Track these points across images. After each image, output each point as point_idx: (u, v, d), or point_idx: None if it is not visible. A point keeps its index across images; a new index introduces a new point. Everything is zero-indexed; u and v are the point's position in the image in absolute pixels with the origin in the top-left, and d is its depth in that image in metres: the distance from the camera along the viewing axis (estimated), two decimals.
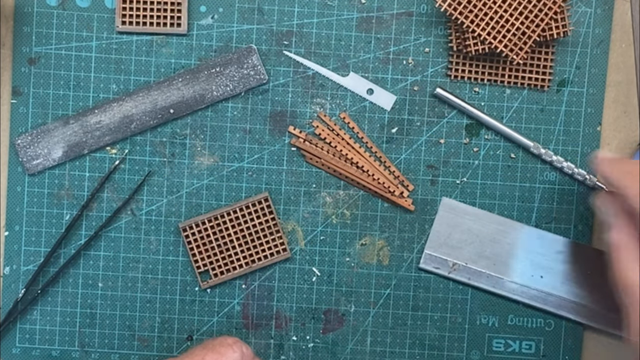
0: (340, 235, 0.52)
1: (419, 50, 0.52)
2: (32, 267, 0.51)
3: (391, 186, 0.51)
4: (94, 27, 0.51)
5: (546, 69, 0.52)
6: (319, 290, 0.52)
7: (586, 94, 0.52)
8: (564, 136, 0.52)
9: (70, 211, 0.52)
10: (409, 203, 0.52)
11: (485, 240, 0.52)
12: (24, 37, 0.51)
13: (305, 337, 0.52)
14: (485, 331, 0.53)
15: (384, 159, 0.52)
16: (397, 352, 0.52)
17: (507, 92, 0.52)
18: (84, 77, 0.51)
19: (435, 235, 0.52)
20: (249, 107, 0.52)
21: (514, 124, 0.52)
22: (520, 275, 0.52)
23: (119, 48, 0.51)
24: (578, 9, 0.52)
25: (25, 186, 0.51)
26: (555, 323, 0.53)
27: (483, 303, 0.53)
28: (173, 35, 0.51)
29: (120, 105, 0.51)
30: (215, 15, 0.51)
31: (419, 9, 0.52)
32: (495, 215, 0.52)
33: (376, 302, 0.52)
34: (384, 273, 0.52)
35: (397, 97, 0.52)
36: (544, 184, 0.52)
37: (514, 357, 0.53)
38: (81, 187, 0.52)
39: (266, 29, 0.52)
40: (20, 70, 0.51)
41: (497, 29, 0.49)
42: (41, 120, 0.51)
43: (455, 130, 0.52)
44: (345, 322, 0.53)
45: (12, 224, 0.51)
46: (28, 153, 0.51)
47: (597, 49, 0.52)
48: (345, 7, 0.52)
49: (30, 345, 0.52)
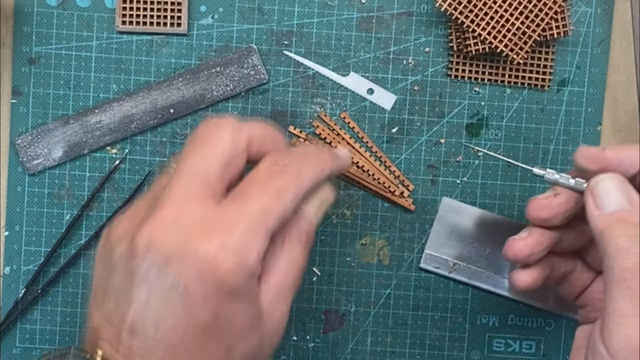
0: (341, 235, 0.52)
1: (419, 50, 0.52)
2: (32, 267, 0.51)
3: (392, 186, 0.51)
4: (94, 27, 0.51)
5: (546, 68, 0.52)
6: (319, 290, 0.52)
7: (586, 93, 0.52)
8: (564, 136, 0.52)
9: (70, 211, 0.52)
10: (409, 203, 0.52)
11: (486, 240, 0.52)
12: (24, 37, 0.51)
13: (306, 337, 0.52)
14: (486, 331, 0.53)
15: (384, 159, 0.52)
16: (398, 352, 0.53)
17: (507, 92, 0.52)
18: (84, 77, 0.51)
19: (435, 235, 0.52)
20: (249, 107, 0.52)
21: (514, 124, 0.52)
22: None
23: (119, 48, 0.51)
24: (578, 9, 0.52)
25: (26, 186, 0.51)
26: (555, 323, 0.53)
27: (483, 303, 0.53)
28: (173, 35, 0.51)
29: (121, 105, 0.51)
30: (215, 15, 0.51)
31: (419, 9, 0.52)
32: (496, 215, 0.52)
33: (376, 302, 0.53)
34: (384, 273, 0.52)
35: (397, 97, 0.52)
36: (544, 183, 0.52)
37: (514, 357, 0.53)
38: (81, 187, 0.52)
39: (266, 29, 0.52)
40: (20, 70, 0.51)
41: (497, 28, 0.49)
42: (41, 120, 0.51)
43: (456, 130, 0.52)
44: (345, 322, 0.53)
45: (12, 224, 0.51)
46: (28, 153, 0.51)
47: (597, 49, 0.52)
48: (345, 7, 0.52)
49: (31, 345, 0.52)
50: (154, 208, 0.36)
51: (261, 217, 0.36)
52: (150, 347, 0.35)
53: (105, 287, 0.36)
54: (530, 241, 0.43)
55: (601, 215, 0.39)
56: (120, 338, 0.35)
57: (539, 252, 0.43)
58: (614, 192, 0.39)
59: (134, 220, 0.37)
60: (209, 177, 0.37)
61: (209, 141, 0.38)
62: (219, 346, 0.35)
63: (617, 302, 0.36)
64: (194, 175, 0.37)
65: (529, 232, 0.43)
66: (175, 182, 0.36)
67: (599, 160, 0.41)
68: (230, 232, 0.35)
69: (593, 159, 0.41)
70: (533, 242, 0.43)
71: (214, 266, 0.34)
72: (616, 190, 0.39)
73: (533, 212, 0.43)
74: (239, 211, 0.36)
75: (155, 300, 0.35)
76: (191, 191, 0.36)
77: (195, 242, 0.34)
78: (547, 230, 0.43)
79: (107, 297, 0.36)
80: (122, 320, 0.35)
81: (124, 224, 0.37)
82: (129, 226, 0.36)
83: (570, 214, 0.42)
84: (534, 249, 0.43)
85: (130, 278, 0.35)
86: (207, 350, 0.35)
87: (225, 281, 0.34)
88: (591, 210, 0.39)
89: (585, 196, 0.40)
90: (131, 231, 0.36)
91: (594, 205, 0.39)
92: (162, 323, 0.34)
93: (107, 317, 0.36)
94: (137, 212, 0.37)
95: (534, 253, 0.43)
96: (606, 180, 0.39)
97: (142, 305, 0.35)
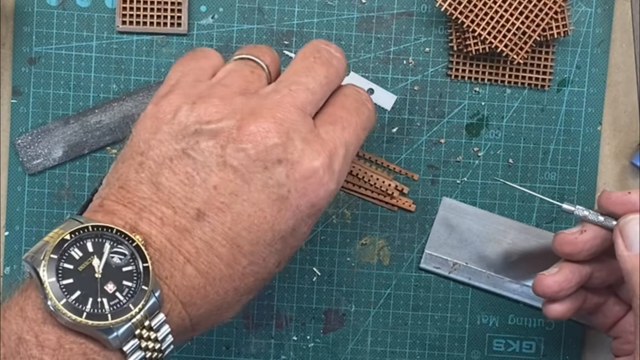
0: (341, 235, 0.52)
1: (419, 50, 0.52)
2: None
3: (389, 189, 0.51)
4: (94, 27, 0.51)
5: (546, 68, 0.52)
6: (319, 290, 0.52)
7: (586, 93, 0.52)
8: (564, 136, 0.52)
9: (70, 211, 0.52)
10: (409, 204, 0.52)
11: (486, 240, 0.52)
12: (24, 37, 0.51)
13: (306, 337, 0.52)
14: (486, 331, 0.53)
15: (380, 161, 0.52)
16: (398, 352, 0.53)
17: (507, 92, 0.52)
18: (84, 77, 0.51)
19: (435, 235, 0.52)
20: None
21: (514, 124, 0.52)
22: (520, 275, 0.52)
23: (119, 48, 0.51)
24: (578, 9, 0.52)
25: (26, 186, 0.51)
26: (555, 323, 0.53)
27: (483, 303, 0.53)
28: (173, 35, 0.51)
29: (121, 105, 0.51)
30: (215, 15, 0.51)
31: (419, 9, 0.52)
32: (496, 215, 0.52)
33: (376, 302, 0.53)
34: (384, 273, 0.52)
35: (397, 97, 0.52)
36: (544, 183, 0.52)
37: (514, 357, 0.53)
38: (81, 187, 0.52)
39: (266, 29, 0.52)
40: (20, 70, 0.51)
41: (497, 28, 0.49)
42: (41, 120, 0.51)
43: (456, 130, 0.52)
44: (345, 322, 0.53)
45: (12, 224, 0.51)
46: (28, 153, 0.51)
47: (597, 49, 0.52)
48: (345, 7, 0.52)
49: None
50: (267, 105, 0.35)
51: (353, 147, 0.37)
52: (216, 239, 0.34)
53: (171, 159, 0.34)
54: (559, 278, 0.42)
55: (629, 256, 0.39)
56: (179, 221, 0.33)
57: (568, 288, 0.42)
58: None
59: (224, 108, 0.35)
60: (314, 96, 0.37)
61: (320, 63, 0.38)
62: (276, 258, 0.36)
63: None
64: (309, 93, 0.37)
65: (558, 269, 0.43)
66: (294, 93, 0.37)
67: (625, 204, 0.41)
68: (337, 157, 0.36)
69: (619, 203, 0.41)
70: (562, 278, 0.42)
71: (319, 184, 0.35)
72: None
73: (557, 247, 0.43)
74: (341, 138, 0.37)
75: (248, 194, 0.34)
76: (305, 107, 0.36)
77: (310, 155, 0.35)
78: (577, 266, 0.43)
79: (167, 169, 0.34)
80: (190, 200, 0.33)
81: (215, 106, 0.35)
82: (223, 111, 0.35)
83: (596, 250, 0.42)
84: (563, 286, 0.42)
85: (220, 164, 0.34)
86: (267, 259, 0.35)
87: (319, 202, 0.35)
88: (620, 250, 0.39)
89: (615, 235, 0.40)
90: (233, 116, 0.35)
91: (623, 246, 0.39)
92: (244, 219, 0.34)
93: (163, 191, 0.34)
94: (233, 103, 0.36)
95: (563, 289, 0.42)
96: (635, 220, 0.39)
97: (228, 194, 0.34)
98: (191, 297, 0.34)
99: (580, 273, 0.43)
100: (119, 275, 0.32)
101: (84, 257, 0.33)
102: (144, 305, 0.32)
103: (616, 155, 0.53)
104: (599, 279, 0.44)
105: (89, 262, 0.32)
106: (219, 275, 0.34)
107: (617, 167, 0.53)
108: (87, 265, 0.32)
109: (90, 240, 0.33)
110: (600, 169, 0.52)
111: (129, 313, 0.32)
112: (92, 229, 0.33)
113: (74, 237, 0.33)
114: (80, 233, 0.33)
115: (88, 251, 0.33)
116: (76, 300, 0.31)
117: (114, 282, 0.32)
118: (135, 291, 0.32)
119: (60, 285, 0.31)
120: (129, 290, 0.32)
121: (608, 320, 0.45)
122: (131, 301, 0.32)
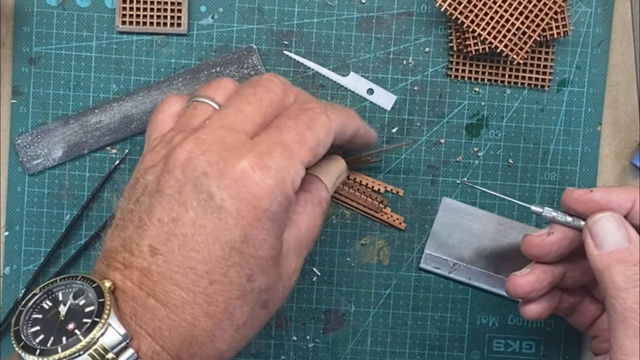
0: (340, 235, 0.52)
1: (419, 50, 0.52)
2: (32, 267, 0.51)
3: (371, 206, 0.51)
4: (94, 27, 0.51)
5: (546, 68, 0.52)
6: (319, 290, 0.52)
7: (586, 93, 0.52)
8: (564, 136, 0.52)
9: (70, 211, 0.52)
10: (400, 221, 0.52)
11: (486, 240, 0.52)
12: (24, 37, 0.51)
13: (306, 337, 0.52)
14: (486, 331, 0.53)
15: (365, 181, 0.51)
16: (398, 352, 0.53)
17: (507, 92, 0.52)
18: (84, 77, 0.51)
19: (435, 235, 0.52)
20: None
21: (514, 124, 0.52)
22: None
23: (119, 48, 0.51)
24: (578, 9, 0.52)
25: (25, 186, 0.51)
26: (555, 323, 0.53)
27: (483, 303, 0.53)
28: (173, 35, 0.51)
29: (121, 105, 0.51)
30: (215, 15, 0.51)
31: (419, 9, 0.52)
32: (496, 215, 0.52)
33: (376, 302, 0.53)
34: (384, 273, 0.52)
35: (397, 97, 0.52)
36: (544, 184, 0.52)
37: (514, 357, 0.53)
38: (81, 187, 0.52)
39: (266, 29, 0.52)
40: (20, 70, 0.51)
41: (497, 28, 0.49)
42: (41, 120, 0.51)
43: (456, 130, 0.52)
44: (345, 322, 0.53)
45: (12, 224, 0.51)
46: (28, 153, 0.51)
47: (597, 49, 0.52)
48: (345, 7, 0.52)
49: None
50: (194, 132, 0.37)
51: (296, 144, 0.37)
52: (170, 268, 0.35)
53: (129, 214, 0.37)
54: (531, 278, 0.43)
55: (600, 255, 0.39)
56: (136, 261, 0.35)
57: (540, 288, 0.43)
58: (612, 231, 0.39)
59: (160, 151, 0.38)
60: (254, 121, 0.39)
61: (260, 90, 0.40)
62: (239, 272, 0.35)
63: (621, 340, 0.36)
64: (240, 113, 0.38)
65: (531, 269, 0.43)
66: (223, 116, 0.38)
67: (587, 202, 0.41)
68: (269, 155, 0.36)
69: (581, 201, 0.41)
70: (534, 279, 0.43)
71: (252, 184, 0.35)
72: (614, 229, 0.39)
73: (525, 249, 0.43)
74: (276, 138, 0.37)
75: (186, 215, 0.35)
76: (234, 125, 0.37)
77: (234, 160, 0.35)
78: (549, 267, 0.43)
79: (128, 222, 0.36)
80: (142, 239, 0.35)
81: (153, 156, 0.38)
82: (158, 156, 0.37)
83: (564, 252, 0.42)
84: (535, 286, 0.43)
85: (158, 197, 0.36)
86: (228, 275, 0.35)
87: (260, 203, 0.35)
88: (590, 249, 0.39)
89: (584, 235, 0.40)
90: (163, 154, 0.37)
91: (593, 245, 0.39)
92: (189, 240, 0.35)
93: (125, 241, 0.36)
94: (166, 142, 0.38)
95: (536, 290, 0.43)
96: (604, 219, 0.39)
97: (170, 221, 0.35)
98: (158, 328, 0.35)
99: (553, 273, 0.43)
100: (81, 315, 0.35)
101: (53, 306, 0.36)
102: (95, 335, 0.34)
103: (616, 155, 0.53)
104: (573, 279, 0.44)
105: (56, 308, 0.36)
106: (180, 301, 0.35)
107: (617, 167, 0.53)
108: (54, 312, 0.35)
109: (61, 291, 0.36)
110: (600, 169, 0.52)
111: (79, 344, 0.33)
112: (60, 281, 0.37)
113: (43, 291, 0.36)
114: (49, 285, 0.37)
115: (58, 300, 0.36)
116: (39, 342, 0.34)
117: (75, 322, 0.34)
118: (92, 326, 0.34)
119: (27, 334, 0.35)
120: (87, 326, 0.34)
121: (586, 319, 0.46)
122: (83, 334, 0.34)
